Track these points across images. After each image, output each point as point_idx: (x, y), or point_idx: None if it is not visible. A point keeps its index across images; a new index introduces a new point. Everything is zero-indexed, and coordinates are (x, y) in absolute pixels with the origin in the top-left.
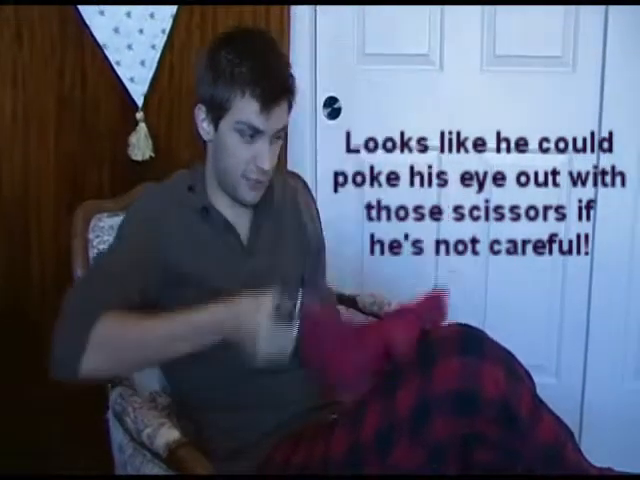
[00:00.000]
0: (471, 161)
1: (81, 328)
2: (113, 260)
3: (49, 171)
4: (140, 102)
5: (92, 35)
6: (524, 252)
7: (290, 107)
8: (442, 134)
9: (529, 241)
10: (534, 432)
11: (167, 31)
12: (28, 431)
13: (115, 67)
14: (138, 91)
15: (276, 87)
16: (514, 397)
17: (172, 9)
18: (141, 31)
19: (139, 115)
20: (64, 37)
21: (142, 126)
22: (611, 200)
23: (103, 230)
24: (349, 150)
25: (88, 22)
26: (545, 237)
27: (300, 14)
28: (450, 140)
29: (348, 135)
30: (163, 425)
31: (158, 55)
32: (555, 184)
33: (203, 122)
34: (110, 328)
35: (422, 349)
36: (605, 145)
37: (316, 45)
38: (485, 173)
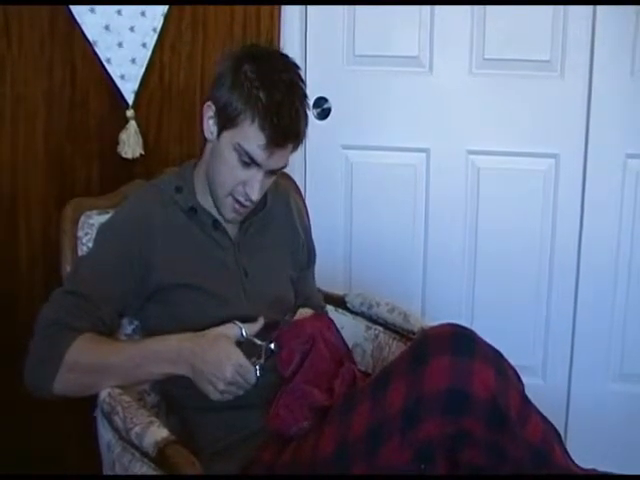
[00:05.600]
0: (459, 163)
1: (54, 351)
2: (92, 271)
3: (38, 168)
4: (130, 100)
5: (82, 32)
6: (512, 254)
7: (295, 149)
8: (430, 135)
9: (517, 243)
10: (522, 432)
11: (158, 30)
12: (14, 429)
13: (105, 64)
14: (128, 89)
15: (287, 130)
16: (503, 397)
17: (163, 8)
18: (132, 29)
19: (129, 113)
20: (54, 33)
21: (132, 124)
22: (598, 203)
23: (92, 227)
24: (338, 150)
25: (78, 19)
26: (532, 239)
27: (290, 15)
28: (438, 142)
29: (337, 135)
30: (152, 424)
31: (149, 53)
32: (542, 187)
33: (210, 120)
34: (81, 354)
35: (414, 348)
36: (591, 149)
37: (306, 46)
38: (473, 175)
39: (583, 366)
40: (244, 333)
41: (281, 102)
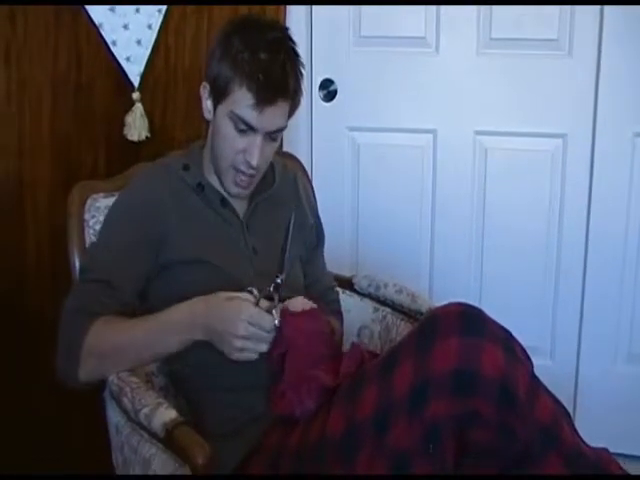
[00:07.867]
0: (466, 143)
1: (74, 341)
2: (109, 255)
3: (44, 151)
4: (136, 82)
5: (87, 14)
6: (519, 234)
7: (292, 110)
8: (437, 116)
9: (525, 224)
10: (531, 411)
11: (163, 11)
12: (22, 412)
13: (111, 47)
14: (134, 71)
15: (275, 85)
16: (512, 377)
17: None
18: (137, 10)
19: (135, 95)
20: (59, 16)
21: (138, 106)
22: (606, 183)
23: (99, 210)
24: (345, 132)
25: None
26: (540, 220)
27: None
28: (445, 123)
29: (343, 117)
30: (161, 405)
31: (154, 35)
32: (550, 167)
33: (207, 100)
34: (98, 336)
35: (422, 328)
36: (600, 128)
37: (312, 27)
38: (480, 155)
39: (591, 346)
40: (256, 296)
41: (266, 59)
